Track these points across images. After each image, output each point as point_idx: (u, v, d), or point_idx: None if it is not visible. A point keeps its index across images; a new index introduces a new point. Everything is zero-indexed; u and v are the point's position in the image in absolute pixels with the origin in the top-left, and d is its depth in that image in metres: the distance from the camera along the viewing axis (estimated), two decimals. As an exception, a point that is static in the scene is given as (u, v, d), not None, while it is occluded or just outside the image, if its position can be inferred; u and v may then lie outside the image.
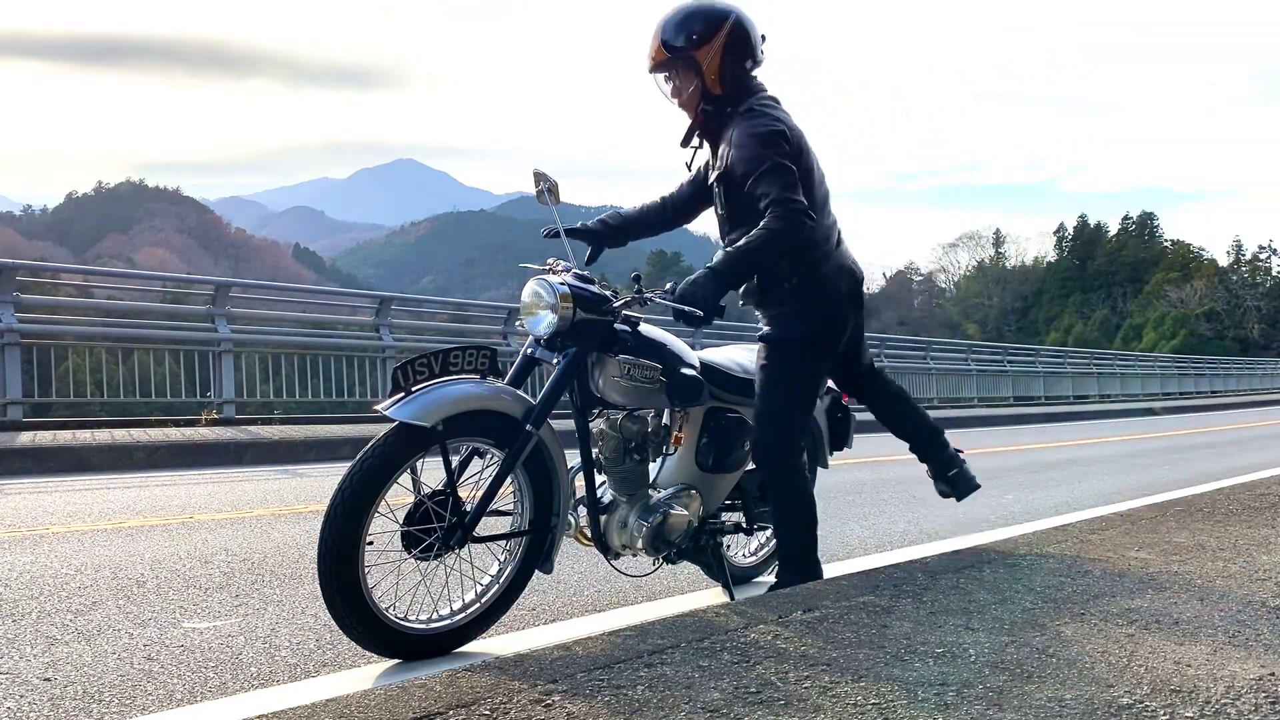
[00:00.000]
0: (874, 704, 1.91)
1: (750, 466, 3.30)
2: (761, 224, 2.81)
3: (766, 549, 3.70)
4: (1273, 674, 2.11)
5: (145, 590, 3.42)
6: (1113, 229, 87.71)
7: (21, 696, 2.32)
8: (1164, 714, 1.87)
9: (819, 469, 3.78)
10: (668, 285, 2.78)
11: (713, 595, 3.44)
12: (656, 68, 2.94)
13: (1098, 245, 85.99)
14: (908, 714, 1.86)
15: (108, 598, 3.29)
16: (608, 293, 2.81)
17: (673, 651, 2.26)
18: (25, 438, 8.03)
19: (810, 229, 2.87)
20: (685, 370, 2.96)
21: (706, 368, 3.11)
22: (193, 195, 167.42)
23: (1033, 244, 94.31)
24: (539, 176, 3.02)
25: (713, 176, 3.03)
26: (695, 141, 3.11)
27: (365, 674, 2.50)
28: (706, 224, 3.16)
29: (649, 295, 2.82)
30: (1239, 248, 78.87)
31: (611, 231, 3.19)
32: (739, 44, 2.91)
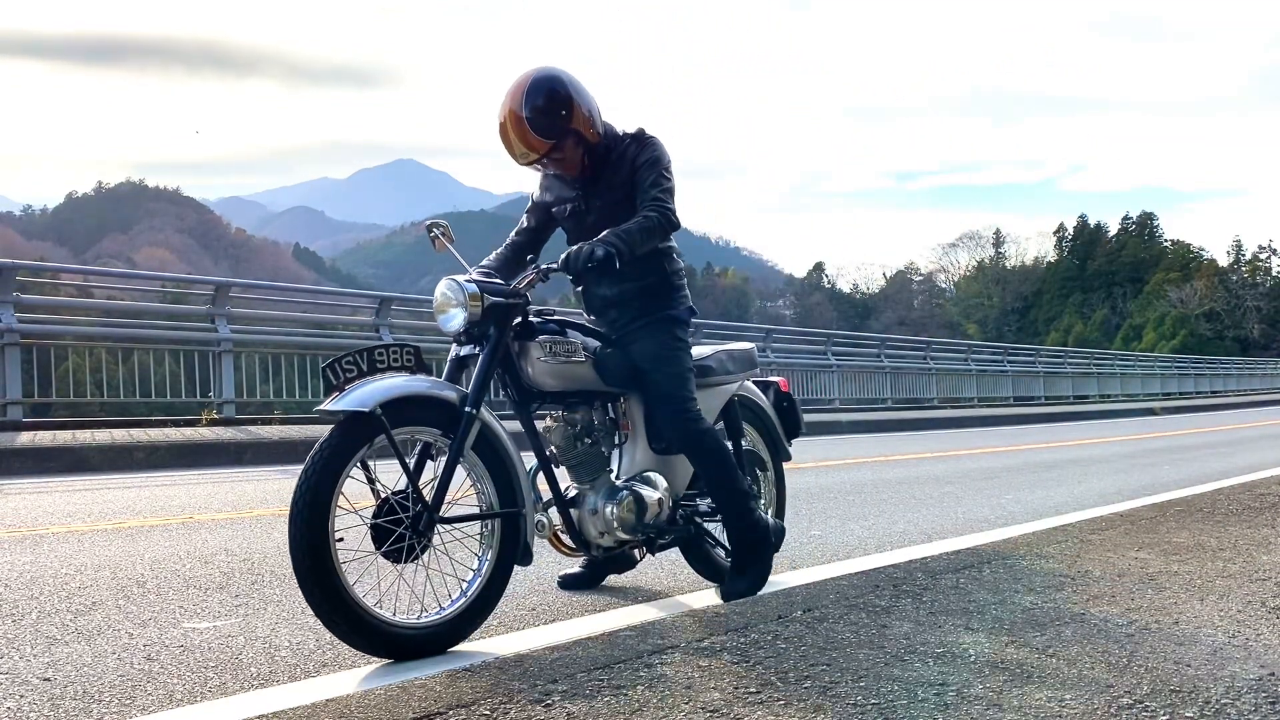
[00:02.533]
0: (874, 704, 1.92)
1: None
2: (640, 214, 3.06)
3: None
4: (1273, 674, 2.11)
5: (145, 590, 3.42)
6: (1113, 229, 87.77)
7: (21, 696, 2.32)
8: (1164, 714, 1.87)
9: (783, 462, 3.80)
10: (561, 256, 2.95)
11: (712, 595, 3.44)
12: (543, 157, 3.04)
13: (1098, 245, 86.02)
14: (908, 714, 1.86)
15: (108, 598, 3.29)
16: (510, 283, 2.97)
17: (673, 651, 2.26)
18: (25, 438, 8.03)
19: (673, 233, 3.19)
20: (608, 347, 3.12)
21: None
22: (193, 195, 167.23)
23: (1033, 244, 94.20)
24: (430, 225, 3.19)
25: (605, 199, 3.15)
26: (549, 174, 3.26)
27: (365, 674, 2.50)
28: (709, 224, 3.26)
29: (546, 267, 2.97)
30: (1239, 248, 78.96)
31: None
32: (586, 99, 3.09)
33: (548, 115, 2.98)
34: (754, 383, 3.74)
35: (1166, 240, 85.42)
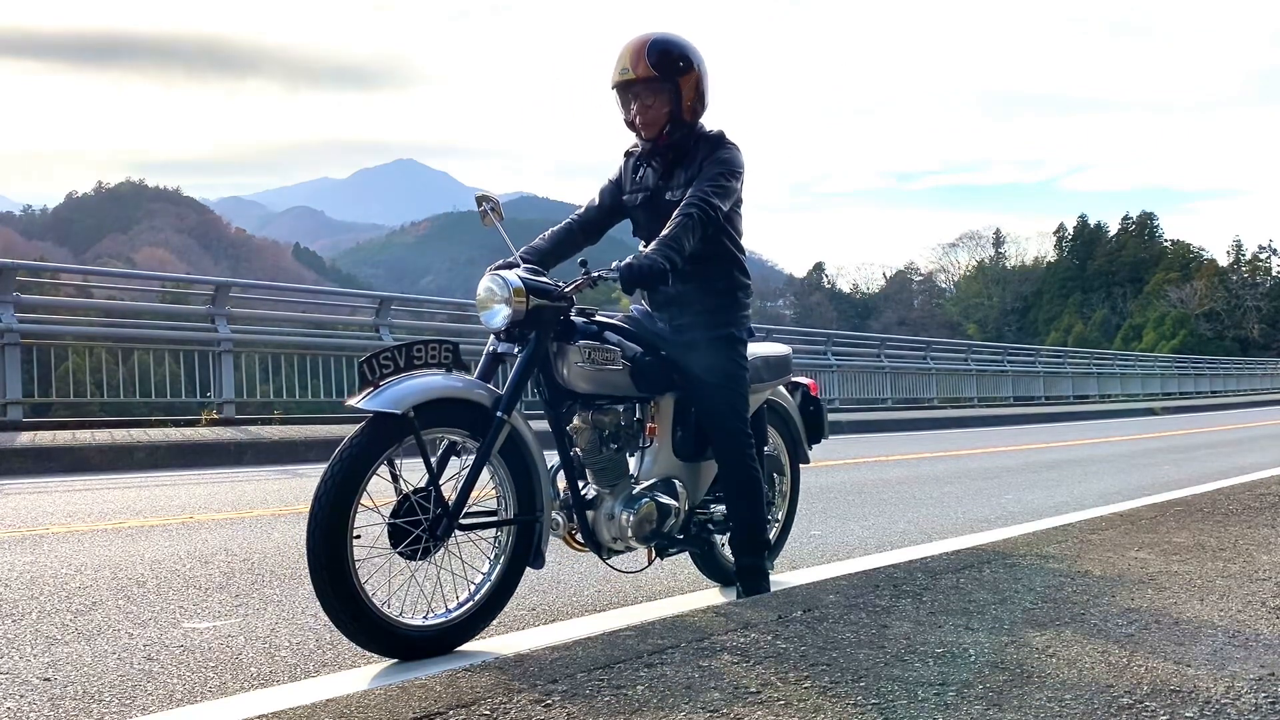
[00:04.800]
0: (874, 704, 1.92)
1: None
2: (678, 211, 3.01)
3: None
4: (1273, 674, 2.11)
5: (145, 590, 3.42)
6: (1113, 229, 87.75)
7: (21, 696, 2.32)
8: (1164, 714, 1.87)
9: (800, 465, 3.81)
10: (613, 264, 2.91)
11: (713, 595, 3.44)
12: (635, 83, 3.07)
13: (1098, 245, 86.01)
14: (908, 714, 1.86)
15: (108, 598, 3.29)
16: (559, 284, 2.93)
17: (673, 651, 2.26)
18: (25, 438, 8.03)
19: (715, 229, 3.08)
20: (647, 355, 3.08)
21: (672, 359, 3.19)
22: (193, 195, 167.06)
23: (1033, 244, 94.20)
24: (481, 199, 3.18)
25: (676, 195, 3.15)
26: (637, 150, 3.28)
27: (365, 674, 2.50)
28: None
29: (598, 275, 2.94)
30: (1239, 248, 78.90)
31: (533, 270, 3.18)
32: (705, 82, 3.14)
33: (667, 57, 3.05)
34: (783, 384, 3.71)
35: (1166, 240, 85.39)
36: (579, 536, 3.03)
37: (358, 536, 2.49)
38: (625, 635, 2.43)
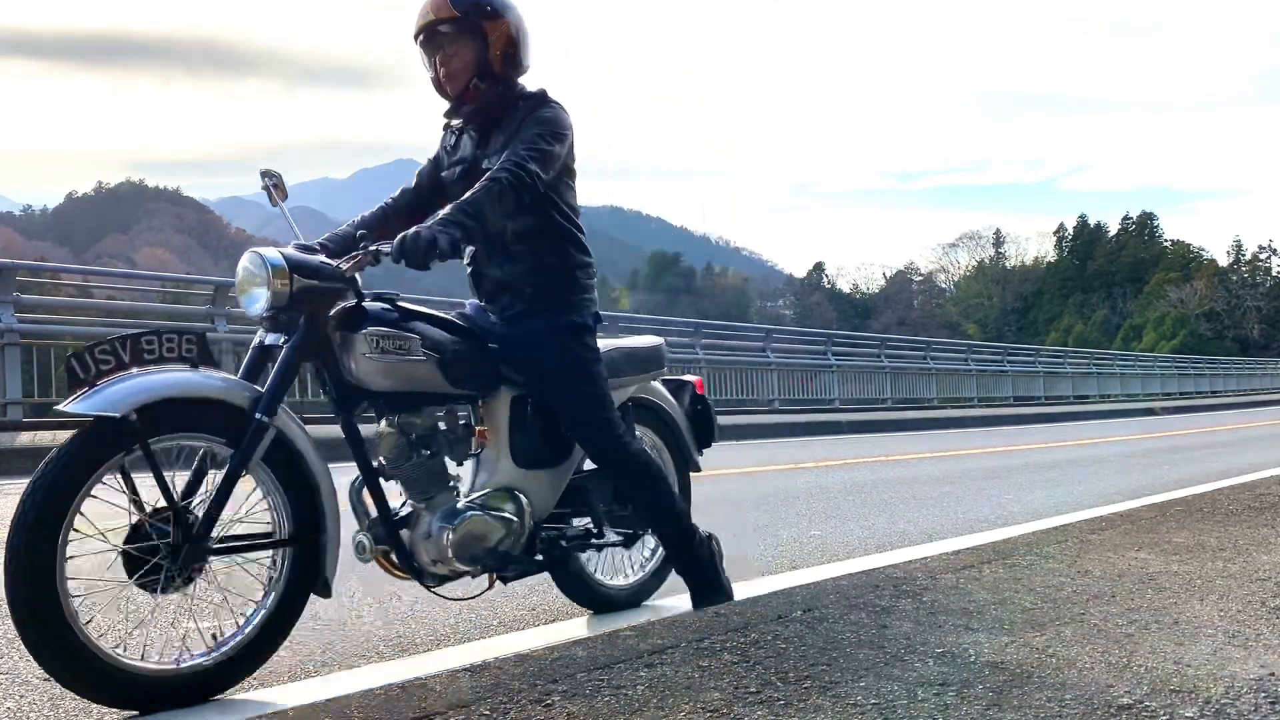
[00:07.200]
0: (874, 704, 1.91)
1: (588, 465, 2.98)
2: (486, 176, 2.63)
3: (651, 565, 3.28)
4: (1273, 674, 2.11)
5: (145, 590, 3.40)
6: (1113, 229, 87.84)
7: (21, 696, 2.32)
8: (1164, 714, 1.87)
9: (690, 473, 3.34)
10: (396, 239, 2.49)
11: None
12: (436, 29, 2.71)
13: (1098, 245, 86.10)
14: (908, 714, 1.86)
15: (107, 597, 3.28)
16: (334, 262, 2.52)
17: (673, 651, 2.26)
18: (25, 438, 8.02)
19: (534, 198, 2.68)
20: (459, 345, 2.67)
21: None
22: (193, 195, 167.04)
23: (1033, 244, 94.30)
24: (264, 174, 2.78)
25: (494, 163, 2.73)
26: (456, 123, 2.91)
27: (365, 674, 2.50)
28: (709, 224, 2.99)
29: (375, 249, 2.50)
30: (1239, 248, 79.00)
31: (331, 255, 2.66)
32: (520, 36, 2.79)
33: (473, 1, 2.68)
34: (665, 383, 3.29)
35: (1166, 240, 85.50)
36: (394, 556, 2.60)
37: (71, 558, 2.12)
38: (625, 635, 2.43)
